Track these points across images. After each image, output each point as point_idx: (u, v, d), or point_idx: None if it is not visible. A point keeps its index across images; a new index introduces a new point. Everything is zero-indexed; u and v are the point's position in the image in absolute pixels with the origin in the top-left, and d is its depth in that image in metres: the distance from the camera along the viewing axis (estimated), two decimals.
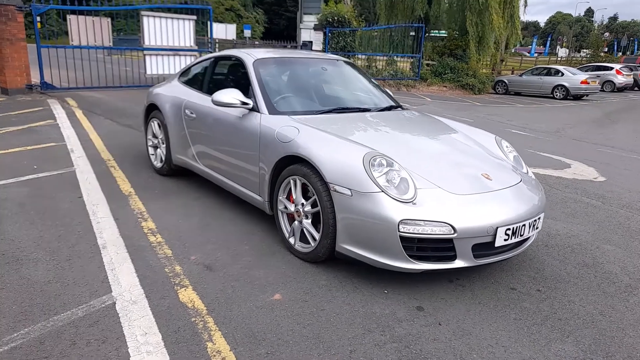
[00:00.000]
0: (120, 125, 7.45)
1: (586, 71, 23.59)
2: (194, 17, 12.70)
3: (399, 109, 4.19)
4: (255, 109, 3.53)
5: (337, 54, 16.33)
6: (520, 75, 21.24)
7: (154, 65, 12.01)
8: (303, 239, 3.10)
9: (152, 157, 4.97)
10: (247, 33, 36.74)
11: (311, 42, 16.15)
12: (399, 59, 19.16)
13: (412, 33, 19.76)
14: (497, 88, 21.15)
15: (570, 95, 19.10)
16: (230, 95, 3.53)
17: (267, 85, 3.68)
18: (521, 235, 2.81)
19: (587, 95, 19.86)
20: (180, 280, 2.77)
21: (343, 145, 2.92)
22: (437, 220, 2.55)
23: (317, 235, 2.93)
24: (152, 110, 4.88)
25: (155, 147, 4.93)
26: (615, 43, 60.54)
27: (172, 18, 11.98)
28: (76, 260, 2.95)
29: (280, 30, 55.50)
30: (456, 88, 19.75)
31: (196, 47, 12.97)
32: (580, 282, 3.06)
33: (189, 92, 4.40)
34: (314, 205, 2.94)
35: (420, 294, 2.76)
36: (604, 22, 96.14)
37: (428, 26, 21.22)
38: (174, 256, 3.08)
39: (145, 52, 12.00)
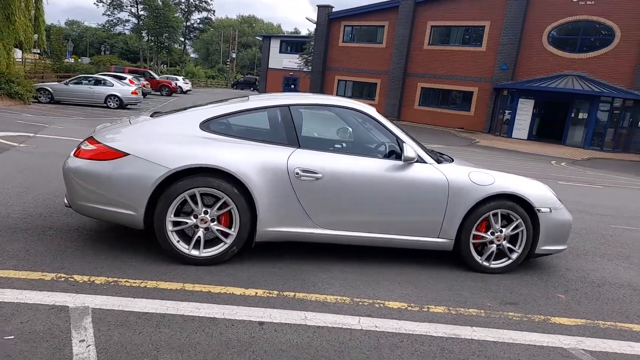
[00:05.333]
0: None
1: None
2: None
3: None
4: (419, 160, 3.72)
5: None
6: (67, 84, 20.02)
7: None
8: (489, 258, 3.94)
9: (182, 245, 3.31)
10: None
11: None
12: None
13: None
14: (40, 97, 19.13)
15: (124, 104, 20.09)
16: (414, 150, 3.60)
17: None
18: None
19: (136, 104, 21.26)
20: (525, 318, 3.17)
21: (522, 179, 4.00)
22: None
23: (517, 249, 3.93)
24: (175, 179, 3.23)
25: (184, 230, 3.32)
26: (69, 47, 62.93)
27: None
28: None
29: None
30: (4, 97, 16.68)
31: None
32: None
33: (286, 150, 3.46)
34: (513, 228, 3.89)
35: (559, 267, 4.39)
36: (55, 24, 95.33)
37: None
38: (484, 310, 3.20)
39: None
